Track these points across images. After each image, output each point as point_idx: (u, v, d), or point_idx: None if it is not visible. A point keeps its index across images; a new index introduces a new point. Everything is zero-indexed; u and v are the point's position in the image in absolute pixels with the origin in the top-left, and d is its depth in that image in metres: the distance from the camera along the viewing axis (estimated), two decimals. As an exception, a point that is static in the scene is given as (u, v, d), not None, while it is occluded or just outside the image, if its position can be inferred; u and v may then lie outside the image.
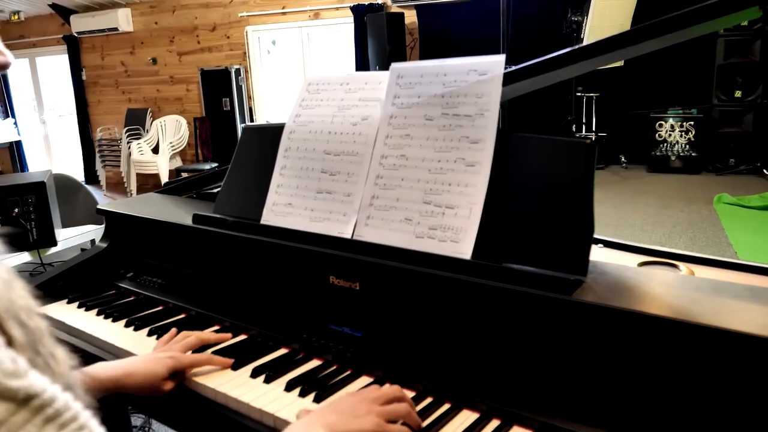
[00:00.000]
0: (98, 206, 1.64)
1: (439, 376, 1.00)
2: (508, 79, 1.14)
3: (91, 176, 9.28)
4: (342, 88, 1.32)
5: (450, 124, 1.13)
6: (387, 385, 0.92)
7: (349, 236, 1.21)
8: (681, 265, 1.16)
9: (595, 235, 1.31)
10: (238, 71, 8.03)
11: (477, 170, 1.08)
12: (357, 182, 1.22)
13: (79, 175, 9.26)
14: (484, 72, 1.11)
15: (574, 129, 7.27)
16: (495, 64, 1.12)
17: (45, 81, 9.97)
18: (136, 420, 2.45)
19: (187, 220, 1.46)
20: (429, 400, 0.98)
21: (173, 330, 1.21)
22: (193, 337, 1.17)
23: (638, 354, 0.86)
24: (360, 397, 0.88)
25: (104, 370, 1.06)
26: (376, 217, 1.18)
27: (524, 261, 1.01)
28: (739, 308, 0.86)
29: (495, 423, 0.91)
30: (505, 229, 1.05)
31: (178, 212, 1.57)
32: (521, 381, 0.95)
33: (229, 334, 1.21)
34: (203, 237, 1.40)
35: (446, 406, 0.96)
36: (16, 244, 2.73)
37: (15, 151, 9.69)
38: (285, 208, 1.32)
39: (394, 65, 1.25)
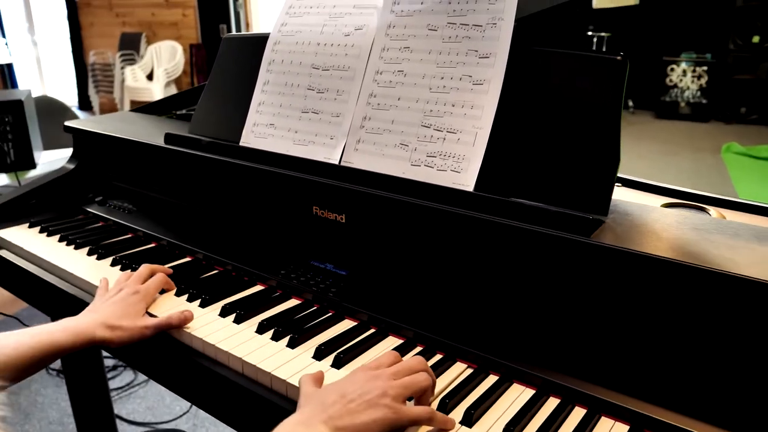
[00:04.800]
0: (65, 123, 1.49)
1: (432, 322, 0.88)
2: (527, -18, 0.98)
3: (84, 102, 9.02)
4: (334, -7, 1.16)
5: (456, 35, 0.97)
6: (409, 357, 0.77)
7: (336, 162, 1.06)
8: (710, 209, 1.02)
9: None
10: (236, -4, 7.69)
11: (485, 89, 0.93)
12: (347, 101, 1.07)
13: (72, 100, 9.01)
14: (500, -27, 0.94)
15: (582, 70, 7.02)
16: (512, -35, 0.95)
17: (36, 0, 9.57)
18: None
19: (161, 140, 1.31)
20: (419, 348, 0.87)
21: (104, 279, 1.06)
22: (143, 267, 1.04)
23: (666, 307, 0.74)
24: (373, 374, 0.71)
25: (78, 325, 0.92)
26: (368, 142, 1.04)
27: (535, 196, 0.87)
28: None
29: (493, 378, 0.80)
30: (514, 158, 0.91)
31: (152, 132, 1.42)
32: (525, 332, 0.84)
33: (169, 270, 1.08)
34: (176, 159, 1.26)
35: (438, 357, 0.85)
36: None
37: (6, 73, 9.38)
38: (266, 129, 1.17)
39: (395, -33, 1.08)
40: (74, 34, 9.02)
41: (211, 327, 0.93)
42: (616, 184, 1.14)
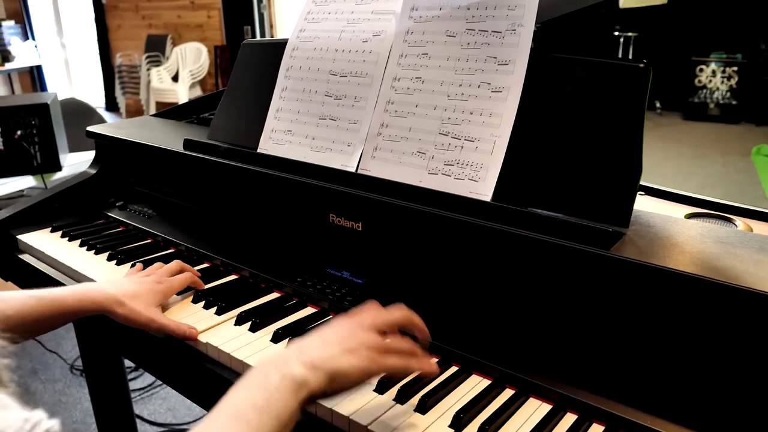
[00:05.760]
0: (87, 128, 1.51)
1: (448, 334, 0.87)
2: (547, -13, 0.96)
3: (111, 103, 9.15)
4: (353, -1, 1.15)
5: (475, 41, 0.96)
6: (392, 308, 0.75)
7: (353, 170, 1.06)
8: (736, 219, 0.99)
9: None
10: (260, -2, 7.74)
11: (504, 97, 0.92)
12: (365, 108, 1.07)
13: (99, 101, 9.14)
14: (519, -21, 0.93)
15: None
16: (533, -30, 0.93)
17: (64, 2, 9.73)
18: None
19: (180, 146, 1.32)
20: (434, 360, 0.86)
21: (140, 265, 1.11)
22: (174, 262, 1.07)
23: (688, 324, 0.72)
24: (353, 323, 0.71)
25: (88, 290, 0.95)
26: (385, 149, 1.03)
27: (554, 207, 0.86)
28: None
29: (509, 392, 0.79)
30: (533, 167, 0.89)
31: (172, 137, 1.43)
32: (542, 346, 0.82)
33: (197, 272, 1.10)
34: (194, 165, 1.27)
35: (453, 369, 0.84)
36: (20, 167, 2.64)
37: (36, 75, 9.56)
38: (284, 135, 1.17)
39: (413, -28, 1.07)
40: (101, 37, 9.16)
41: (226, 335, 0.93)
42: (639, 192, 1.12)
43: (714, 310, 0.70)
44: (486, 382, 0.81)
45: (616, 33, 6.80)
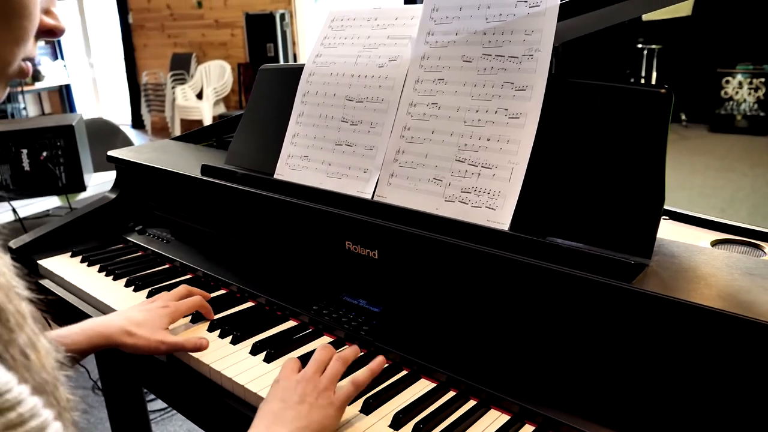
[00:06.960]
0: (108, 153, 1.52)
1: (466, 366, 0.85)
2: (565, 11, 0.94)
3: (137, 120, 9.29)
4: (369, 24, 1.14)
5: (492, 66, 0.95)
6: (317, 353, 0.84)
7: (369, 197, 1.04)
8: (765, 246, 0.96)
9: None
10: (282, 16, 7.81)
11: (521, 123, 0.90)
12: (381, 134, 1.05)
13: (125, 119, 9.29)
14: (536, 3, 0.91)
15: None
16: (550, -6, 0.92)
17: (92, 23, 9.93)
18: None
19: (198, 171, 1.32)
20: (451, 393, 0.84)
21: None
22: (181, 287, 1.07)
23: (717, 362, 0.69)
24: (301, 378, 0.79)
25: (96, 325, 0.96)
26: (401, 176, 1.01)
27: (574, 236, 0.83)
28: None
29: (529, 429, 0.76)
30: (552, 196, 0.87)
31: (191, 162, 1.43)
32: (563, 380, 0.79)
33: (209, 294, 1.12)
34: (212, 190, 1.26)
35: (471, 403, 0.81)
36: (46, 187, 2.67)
37: (64, 94, 9.75)
38: (300, 161, 1.16)
39: (429, -4, 1.06)
40: (128, 56, 9.32)
41: (240, 366, 0.92)
42: (662, 217, 1.09)
43: (744, 347, 0.67)
44: (505, 418, 0.78)
45: (640, 45, 6.72)
